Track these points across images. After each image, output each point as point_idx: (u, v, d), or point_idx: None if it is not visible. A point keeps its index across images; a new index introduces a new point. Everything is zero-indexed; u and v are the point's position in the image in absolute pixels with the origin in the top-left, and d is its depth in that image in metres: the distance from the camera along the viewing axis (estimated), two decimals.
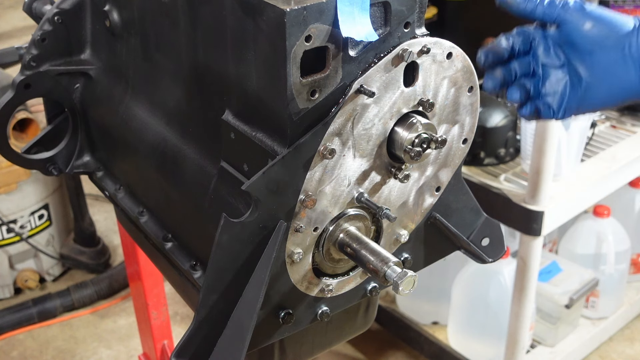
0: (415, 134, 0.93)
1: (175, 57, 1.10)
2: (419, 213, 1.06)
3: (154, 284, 1.71)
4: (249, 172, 0.95)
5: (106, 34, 1.29)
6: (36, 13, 1.36)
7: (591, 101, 0.98)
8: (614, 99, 0.97)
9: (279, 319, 0.98)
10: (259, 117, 0.93)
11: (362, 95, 0.89)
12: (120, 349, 2.81)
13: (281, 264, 0.94)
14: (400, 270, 0.88)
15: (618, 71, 0.93)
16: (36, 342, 2.84)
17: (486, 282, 2.37)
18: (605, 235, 2.58)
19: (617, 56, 0.93)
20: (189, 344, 0.91)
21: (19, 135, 2.74)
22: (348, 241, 0.96)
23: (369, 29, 0.86)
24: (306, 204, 0.90)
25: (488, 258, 1.12)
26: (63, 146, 1.40)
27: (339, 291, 1.03)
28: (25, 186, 2.88)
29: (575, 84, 0.98)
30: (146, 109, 1.23)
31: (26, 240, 2.93)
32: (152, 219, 1.26)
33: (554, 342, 2.52)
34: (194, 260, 1.12)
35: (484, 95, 1.11)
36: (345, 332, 1.18)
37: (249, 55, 0.90)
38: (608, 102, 0.98)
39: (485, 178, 2.12)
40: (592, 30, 0.94)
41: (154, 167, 1.20)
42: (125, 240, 1.71)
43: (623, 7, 2.84)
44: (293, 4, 0.82)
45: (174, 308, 2.90)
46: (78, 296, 2.97)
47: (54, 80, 1.32)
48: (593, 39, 0.94)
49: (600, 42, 0.93)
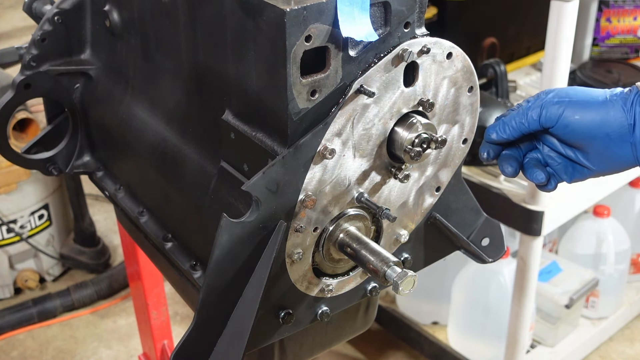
0: (415, 134, 0.93)
1: (175, 57, 1.10)
2: (419, 213, 1.06)
3: (154, 284, 1.71)
4: (249, 172, 0.95)
5: (106, 34, 1.29)
6: (36, 13, 1.36)
7: (595, 175, 1.03)
8: (616, 171, 1.01)
9: (279, 319, 0.98)
10: (259, 117, 0.93)
11: (362, 95, 0.89)
12: (120, 349, 2.81)
13: (281, 263, 0.94)
14: (400, 270, 0.88)
15: (615, 152, 0.95)
16: (36, 342, 2.84)
17: (486, 282, 2.37)
18: (605, 235, 2.58)
19: (609, 142, 0.94)
20: (189, 344, 0.91)
21: (19, 135, 2.74)
22: (348, 241, 0.96)
23: (369, 29, 0.87)
24: (306, 204, 0.90)
25: (488, 258, 1.12)
26: (63, 146, 1.40)
27: (339, 291, 1.03)
28: (25, 186, 2.88)
29: (580, 170, 1.02)
30: (146, 109, 1.23)
31: (26, 240, 2.93)
32: (152, 219, 1.26)
33: (554, 342, 2.52)
34: (194, 260, 1.12)
35: (484, 96, 1.11)
36: (345, 332, 1.18)
37: (249, 55, 0.90)
38: (611, 173, 1.02)
39: (485, 178, 2.12)
40: (579, 123, 0.94)
41: (154, 167, 1.20)
42: (125, 240, 1.71)
43: (623, 7, 2.84)
44: (293, 4, 0.82)
45: (174, 308, 2.90)
46: (78, 296, 2.97)
47: (54, 80, 1.32)
48: (582, 134, 0.95)
49: (590, 133, 0.94)
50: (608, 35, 2.91)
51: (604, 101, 0.94)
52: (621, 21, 2.88)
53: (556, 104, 0.95)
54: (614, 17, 2.87)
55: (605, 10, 2.87)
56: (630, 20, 2.87)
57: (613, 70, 2.78)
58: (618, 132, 0.93)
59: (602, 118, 0.93)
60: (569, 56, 1.76)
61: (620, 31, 2.89)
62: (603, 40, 2.92)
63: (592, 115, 0.93)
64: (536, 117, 0.96)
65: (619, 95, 0.94)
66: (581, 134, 0.95)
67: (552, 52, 1.74)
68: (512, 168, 1.02)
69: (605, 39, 2.92)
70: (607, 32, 2.90)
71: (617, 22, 2.88)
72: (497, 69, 2.39)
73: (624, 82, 2.67)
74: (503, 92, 2.38)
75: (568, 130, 0.95)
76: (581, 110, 0.94)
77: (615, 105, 0.93)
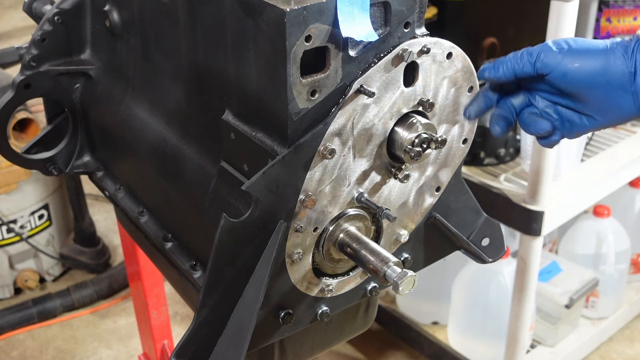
0: (415, 134, 0.93)
1: (175, 57, 1.10)
2: (419, 213, 1.06)
3: (154, 284, 1.71)
4: (249, 172, 0.95)
5: (106, 34, 1.29)
6: (36, 13, 1.36)
7: (596, 127, 0.99)
8: (616, 123, 0.98)
9: (279, 319, 0.98)
10: (259, 117, 0.93)
11: (362, 95, 0.89)
12: (120, 349, 2.81)
13: (281, 264, 0.94)
14: (400, 270, 0.88)
15: (616, 101, 0.93)
16: (36, 342, 2.84)
17: (486, 282, 2.37)
18: (605, 235, 2.58)
19: (609, 90, 0.93)
20: (189, 344, 0.91)
21: (19, 135, 2.74)
22: (348, 241, 0.96)
23: (369, 29, 0.86)
24: (306, 204, 0.90)
25: (488, 258, 1.12)
26: (63, 146, 1.40)
27: (339, 291, 1.03)
28: (25, 186, 2.88)
29: (579, 124, 0.99)
30: (146, 109, 1.23)
31: (26, 240, 2.93)
32: (152, 219, 1.26)
33: (554, 342, 2.52)
34: (194, 260, 1.12)
35: None
36: (345, 332, 1.18)
37: (249, 55, 0.90)
38: (611, 125, 0.99)
39: (485, 178, 2.12)
40: (578, 72, 0.93)
41: (154, 167, 1.20)
42: (125, 240, 1.71)
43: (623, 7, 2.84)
44: (293, 4, 0.82)
45: (174, 308, 2.90)
46: (78, 296, 2.97)
47: (54, 80, 1.32)
48: (582, 82, 0.93)
49: (591, 81, 0.93)
50: (608, 35, 2.91)
51: (605, 49, 0.92)
52: (621, 21, 2.88)
53: (555, 50, 0.93)
54: (614, 17, 2.87)
55: (605, 10, 2.87)
56: (630, 20, 2.87)
57: None
58: (619, 81, 0.91)
59: (602, 65, 0.91)
60: None
61: (620, 31, 2.90)
62: None
63: (592, 63, 0.91)
64: (532, 61, 0.94)
65: (620, 43, 0.92)
66: (581, 81, 0.92)
67: None
68: (499, 127, 1.00)
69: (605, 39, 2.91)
70: (607, 32, 2.90)
71: (617, 22, 2.88)
72: None
73: None
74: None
75: (567, 78, 0.93)
76: (581, 58, 0.92)
77: (616, 53, 0.91)
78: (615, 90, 0.92)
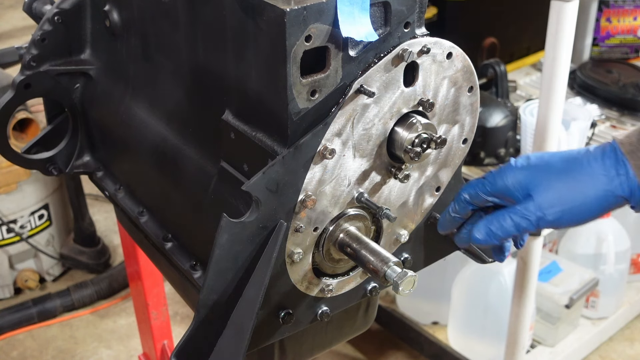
0: (415, 134, 0.93)
1: (175, 57, 1.10)
2: (419, 213, 1.06)
3: (154, 284, 1.71)
4: (249, 172, 0.95)
5: (106, 34, 1.29)
6: (36, 13, 1.36)
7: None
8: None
9: (279, 319, 0.98)
10: (259, 117, 0.93)
11: (362, 95, 0.89)
12: (120, 349, 2.81)
13: (281, 264, 0.94)
14: (400, 270, 0.88)
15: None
16: (36, 342, 2.85)
17: (486, 282, 2.37)
18: (605, 235, 2.58)
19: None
20: (189, 344, 0.91)
21: (19, 135, 2.74)
22: (348, 241, 0.96)
23: (369, 29, 0.87)
24: (306, 204, 0.90)
25: (488, 258, 1.12)
26: (63, 146, 1.40)
27: (339, 291, 1.03)
28: (25, 186, 2.88)
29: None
30: (146, 109, 1.23)
31: (26, 240, 2.93)
32: (152, 219, 1.26)
33: (554, 342, 2.52)
34: (194, 260, 1.12)
35: (484, 95, 1.11)
36: (345, 332, 1.18)
37: (249, 55, 0.90)
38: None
39: None
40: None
41: (154, 167, 1.20)
42: (125, 240, 1.71)
43: (623, 7, 2.84)
44: (293, 4, 0.82)
45: (174, 308, 2.90)
46: (78, 296, 2.97)
47: (54, 80, 1.32)
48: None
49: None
50: (608, 35, 2.91)
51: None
52: (621, 21, 2.88)
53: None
54: (614, 17, 2.88)
55: (605, 10, 2.87)
56: (630, 20, 2.87)
57: (613, 70, 2.79)
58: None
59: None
60: (569, 56, 1.76)
61: (620, 31, 2.90)
62: (603, 40, 2.92)
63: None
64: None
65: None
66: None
67: (552, 52, 1.74)
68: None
69: (605, 39, 2.92)
70: (607, 32, 2.90)
71: (617, 22, 2.88)
72: (497, 69, 2.39)
73: (624, 82, 2.68)
74: (503, 92, 2.38)
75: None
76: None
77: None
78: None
